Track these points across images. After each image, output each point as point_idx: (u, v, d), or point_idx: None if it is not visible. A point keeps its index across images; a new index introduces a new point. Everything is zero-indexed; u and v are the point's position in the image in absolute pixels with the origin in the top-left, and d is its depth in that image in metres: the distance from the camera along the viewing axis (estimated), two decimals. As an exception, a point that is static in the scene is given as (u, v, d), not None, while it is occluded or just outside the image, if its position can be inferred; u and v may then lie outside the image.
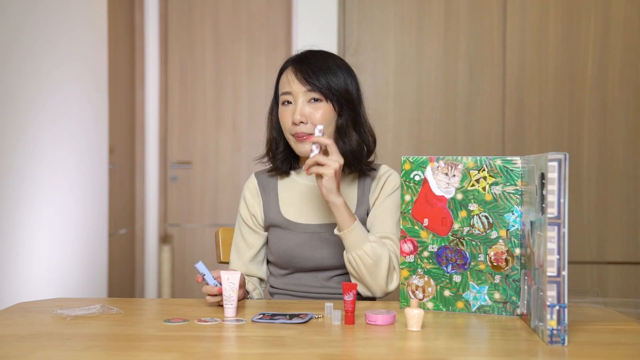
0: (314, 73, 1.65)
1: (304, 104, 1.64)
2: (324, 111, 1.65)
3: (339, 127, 1.67)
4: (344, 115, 1.67)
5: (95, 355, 1.18)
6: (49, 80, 2.85)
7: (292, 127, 1.65)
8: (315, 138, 1.55)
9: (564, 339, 1.21)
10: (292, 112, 1.65)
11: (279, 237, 1.72)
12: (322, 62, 1.67)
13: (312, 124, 1.63)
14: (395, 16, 3.32)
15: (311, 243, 1.69)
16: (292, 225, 1.71)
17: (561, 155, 1.22)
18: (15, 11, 2.54)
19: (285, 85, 1.67)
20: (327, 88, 1.64)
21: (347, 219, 1.57)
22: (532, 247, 1.33)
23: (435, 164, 1.47)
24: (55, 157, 2.91)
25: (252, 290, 1.71)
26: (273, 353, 1.17)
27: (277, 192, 1.75)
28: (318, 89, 1.64)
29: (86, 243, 3.27)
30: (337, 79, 1.66)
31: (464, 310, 1.47)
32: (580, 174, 3.24)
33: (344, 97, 1.66)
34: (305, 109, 1.64)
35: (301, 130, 1.64)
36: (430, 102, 3.31)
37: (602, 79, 3.25)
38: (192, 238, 4.29)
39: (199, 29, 4.25)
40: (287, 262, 1.71)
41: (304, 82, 1.64)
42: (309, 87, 1.64)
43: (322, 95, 1.64)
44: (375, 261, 1.58)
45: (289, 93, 1.66)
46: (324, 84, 1.64)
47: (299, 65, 1.67)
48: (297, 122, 1.63)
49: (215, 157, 4.26)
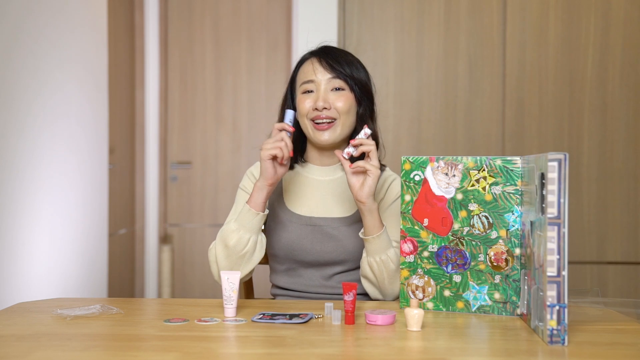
0: (337, 62, 1.68)
1: (327, 91, 1.67)
2: (346, 99, 1.67)
3: (360, 116, 1.71)
4: (364, 106, 1.71)
5: (95, 355, 1.18)
6: (49, 80, 2.85)
7: (312, 112, 1.67)
8: (359, 140, 1.55)
9: (564, 339, 1.21)
10: (314, 99, 1.67)
11: (280, 229, 1.72)
12: (344, 55, 1.72)
13: (335, 109, 1.66)
14: (395, 16, 3.32)
15: (312, 236, 1.70)
16: (295, 217, 1.71)
17: (561, 155, 1.22)
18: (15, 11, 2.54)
19: (308, 74, 1.69)
20: (351, 77, 1.68)
21: (378, 224, 1.58)
22: (532, 247, 1.33)
23: (435, 164, 1.47)
24: (55, 157, 2.91)
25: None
26: (273, 353, 1.17)
27: (280, 183, 1.76)
28: (343, 77, 1.67)
29: (86, 243, 3.27)
30: (358, 71, 1.70)
31: (464, 310, 1.47)
32: (580, 174, 3.24)
33: (365, 88, 1.71)
34: (329, 96, 1.66)
35: (323, 115, 1.66)
36: (430, 102, 3.31)
37: (602, 79, 3.25)
38: (192, 238, 4.29)
39: (199, 29, 4.25)
40: (287, 254, 1.71)
41: (329, 70, 1.67)
42: (334, 75, 1.67)
43: (347, 84, 1.68)
44: (397, 267, 1.59)
45: (312, 81, 1.68)
46: (348, 73, 1.68)
47: (323, 55, 1.70)
48: (321, 108, 1.65)
49: (215, 157, 4.26)
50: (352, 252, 1.69)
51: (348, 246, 1.69)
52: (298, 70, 1.74)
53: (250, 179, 1.76)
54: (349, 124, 1.68)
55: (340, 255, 1.68)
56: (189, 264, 4.21)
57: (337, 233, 1.68)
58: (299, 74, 1.73)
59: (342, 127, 1.68)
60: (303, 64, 1.73)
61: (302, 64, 1.73)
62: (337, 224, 1.70)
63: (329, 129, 1.67)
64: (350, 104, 1.68)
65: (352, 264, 1.71)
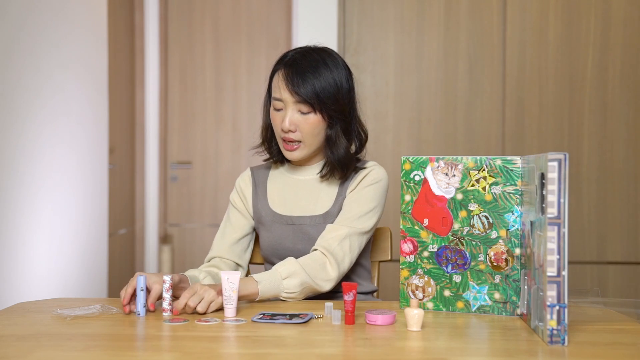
0: (303, 82, 1.62)
1: (293, 112, 1.64)
2: (311, 123, 1.65)
3: (328, 138, 1.68)
4: (335, 126, 1.67)
5: (95, 355, 1.18)
6: (49, 80, 2.85)
7: (281, 132, 1.67)
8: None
9: (564, 339, 1.21)
10: (282, 117, 1.66)
11: (265, 230, 1.74)
12: (313, 69, 1.63)
13: (301, 132, 1.64)
14: (395, 16, 3.31)
15: (293, 235, 1.70)
16: (277, 217, 1.73)
17: (561, 155, 1.22)
18: (16, 11, 2.54)
19: (276, 90, 1.66)
20: (317, 99, 1.62)
21: (252, 289, 1.51)
22: (532, 247, 1.33)
23: (435, 164, 1.47)
24: (55, 157, 2.91)
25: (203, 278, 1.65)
26: (273, 353, 1.17)
27: (265, 185, 1.78)
28: (307, 102, 1.63)
29: (86, 243, 3.27)
30: (327, 87, 1.63)
31: (464, 310, 1.47)
32: (580, 174, 3.24)
33: (334, 107, 1.65)
34: (295, 117, 1.64)
35: (289, 137, 1.65)
36: (430, 102, 3.31)
37: (602, 79, 3.25)
38: (192, 238, 4.29)
39: (199, 29, 4.25)
40: (272, 253, 1.73)
41: (293, 93, 1.63)
42: (298, 99, 1.63)
43: (312, 107, 1.63)
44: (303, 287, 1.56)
45: (280, 100, 1.66)
46: (313, 96, 1.62)
47: (290, 72, 1.64)
48: (286, 130, 1.64)
49: (215, 157, 4.26)
50: None
51: None
52: (272, 78, 1.70)
53: (238, 191, 1.80)
54: (316, 143, 1.68)
55: None
56: (189, 264, 4.21)
57: (317, 231, 1.68)
58: (272, 83, 1.69)
59: (309, 147, 1.67)
60: (275, 73, 1.68)
61: (275, 74, 1.69)
62: (316, 221, 1.70)
63: (297, 149, 1.67)
64: (316, 126, 1.65)
65: None
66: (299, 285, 1.55)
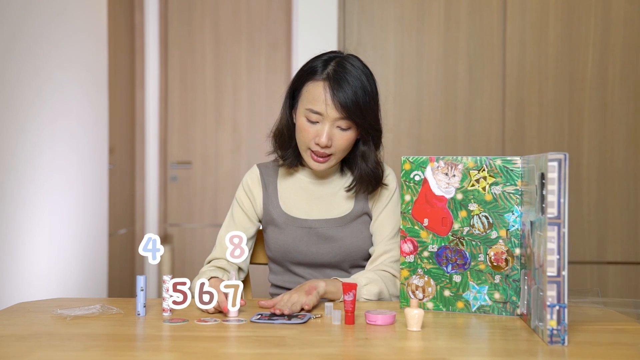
0: (351, 101, 1.57)
1: (332, 127, 1.60)
2: (349, 138, 1.63)
3: (362, 153, 1.67)
4: (368, 142, 1.66)
5: (95, 355, 1.18)
6: (49, 80, 2.85)
7: (313, 145, 1.62)
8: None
9: (564, 339, 1.21)
10: (317, 131, 1.60)
11: (276, 232, 1.72)
12: (357, 87, 1.58)
13: (335, 146, 1.61)
14: (395, 16, 3.31)
15: (308, 238, 1.70)
16: (290, 219, 1.71)
17: (561, 155, 1.22)
18: (16, 12, 2.54)
19: (317, 104, 1.58)
20: (362, 119, 1.59)
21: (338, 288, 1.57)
22: (532, 247, 1.33)
23: (435, 164, 1.47)
24: (55, 157, 2.91)
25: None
26: (273, 353, 1.17)
27: (276, 186, 1.75)
28: (352, 120, 1.59)
29: (86, 243, 3.27)
30: (369, 105, 1.60)
31: (464, 310, 1.47)
32: (580, 174, 3.24)
33: (374, 127, 1.64)
34: (332, 132, 1.60)
35: (322, 151, 1.62)
36: (430, 102, 3.31)
37: (602, 79, 3.25)
38: (192, 238, 4.29)
39: (199, 29, 4.25)
40: (283, 256, 1.71)
41: (339, 110, 1.57)
42: (344, 115, 1.58)
43: (354, 124, 1.60)
44: (379, 296, 1.63)
45: (320, 114, 1.59)
46: (359, 115, 1.58)
47: (337, 88, 1.57)
48: (323, 146, 1.60)
49: (215, 157, 4.26)
50: (349, 252, 1.69)
51: (344, 247, 1.69)
52: (306, 84, 1.62)
53: (246, 190, 1.76)
54: (344, 155, 1.67)
55: (336, 256, 1.68)
56: (189, 264, 4.21)
57: (333, 234, 1.68)
58: (308, 92, 1.61)
59: (338, 159, 1.66)
60: (314, 82, 1.60)
61: (313, 82, 1.60)
62: (332, 225, 1.70)
63: (326, 162, 1.64)
64: (352, 141, 1.64)
65: (348, 264, 1.71)
66: (376, 295, 1.61)
